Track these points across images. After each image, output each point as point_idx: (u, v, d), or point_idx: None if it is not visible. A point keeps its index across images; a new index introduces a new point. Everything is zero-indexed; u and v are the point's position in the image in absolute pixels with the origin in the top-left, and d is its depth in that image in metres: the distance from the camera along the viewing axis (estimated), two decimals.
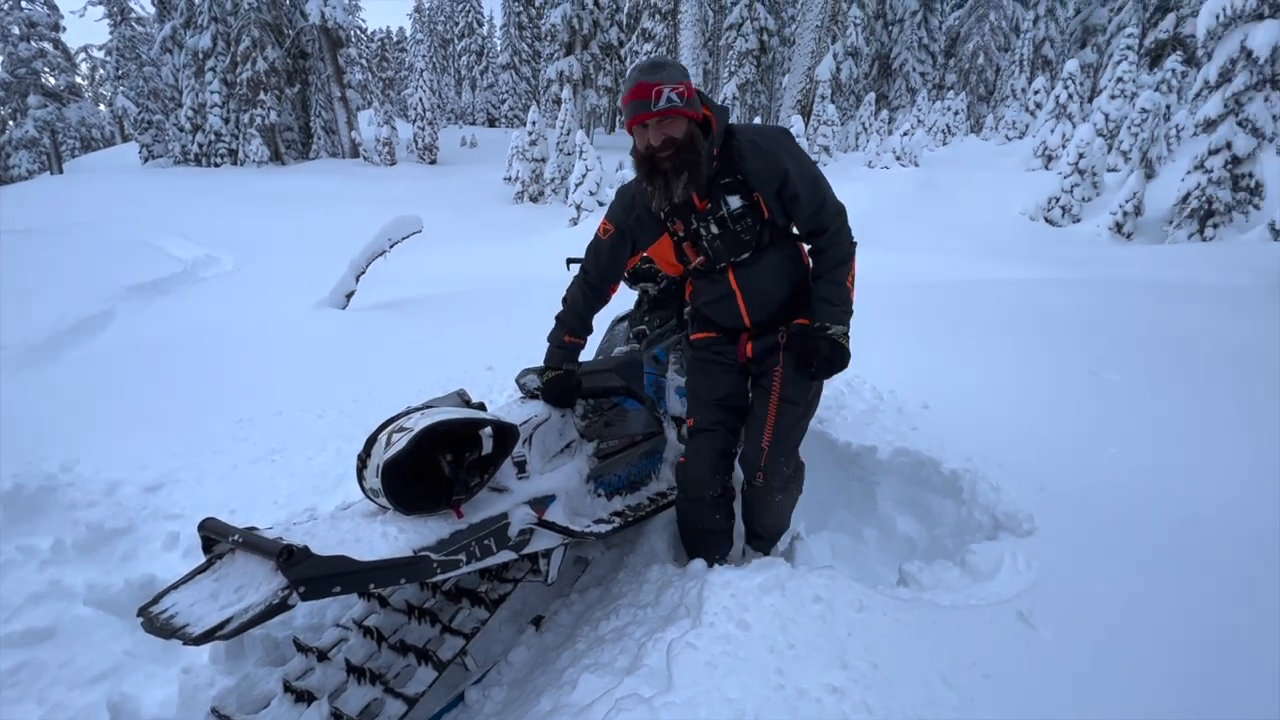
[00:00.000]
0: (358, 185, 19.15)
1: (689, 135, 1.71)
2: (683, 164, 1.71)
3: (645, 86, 1.66)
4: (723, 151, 1.79)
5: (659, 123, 1.69)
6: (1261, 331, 4.98)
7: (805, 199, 1.81)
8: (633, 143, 1.81)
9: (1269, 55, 10.40)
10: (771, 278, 1.94)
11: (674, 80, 1.67)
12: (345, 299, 6.86)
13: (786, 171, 1.76)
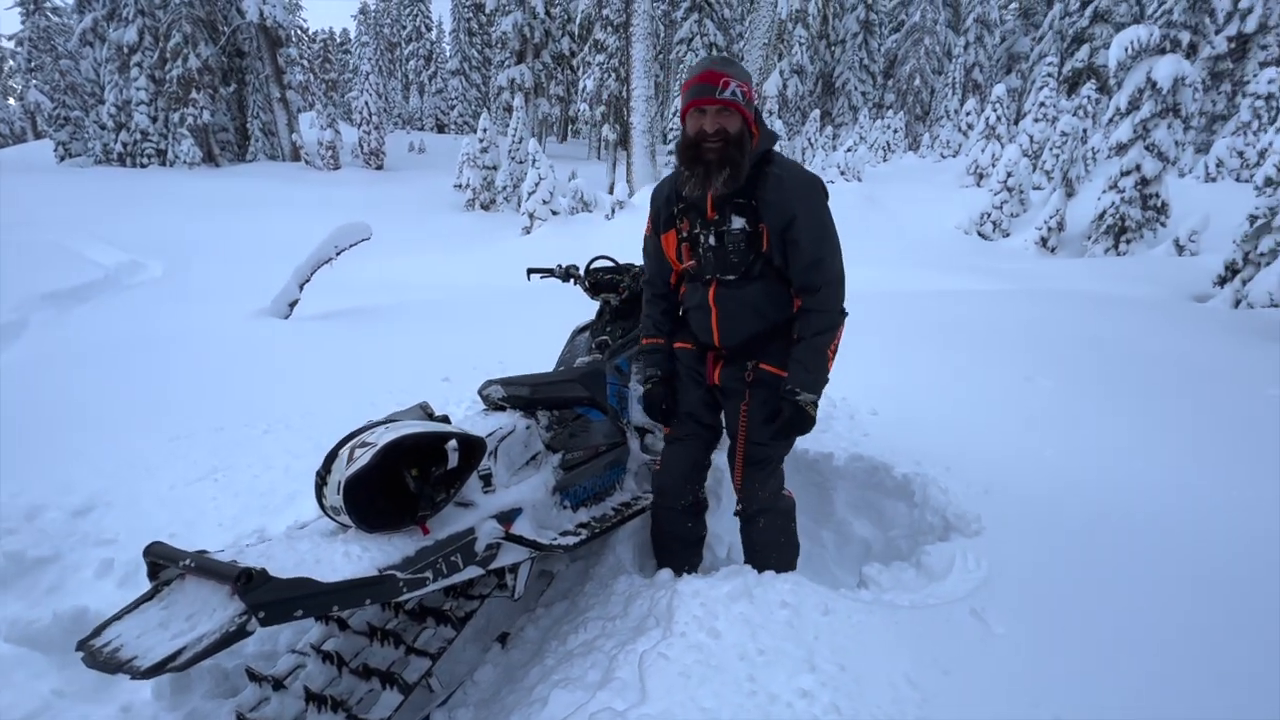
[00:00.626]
0: (299, 190, 18.43)
1: (740, 133, 1.72)
2: (728, 159, 1.72)
3: (714, 74, 1.68)
4: (752, 171, 1.78)
5: (718, 112, 1.70)
6: (1173, 339, 5.41)
7: (804, 250, 1.78)
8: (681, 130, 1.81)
9: (1171, 86, 11.35)
10: (749, 308, 1.92)
11: (742, 78, 1.71)
12: (288, 308, 6.58)
13: (795, 216, 1.76)
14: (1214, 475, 2.83)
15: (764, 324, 1.93)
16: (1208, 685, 1.55)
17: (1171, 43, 11.53)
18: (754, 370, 1.95)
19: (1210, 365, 4.65)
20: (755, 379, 1.95)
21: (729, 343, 1.99)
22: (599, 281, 2.87)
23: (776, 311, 1.92)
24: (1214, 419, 3.54)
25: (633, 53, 18.95)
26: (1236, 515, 2.47)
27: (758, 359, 1.95)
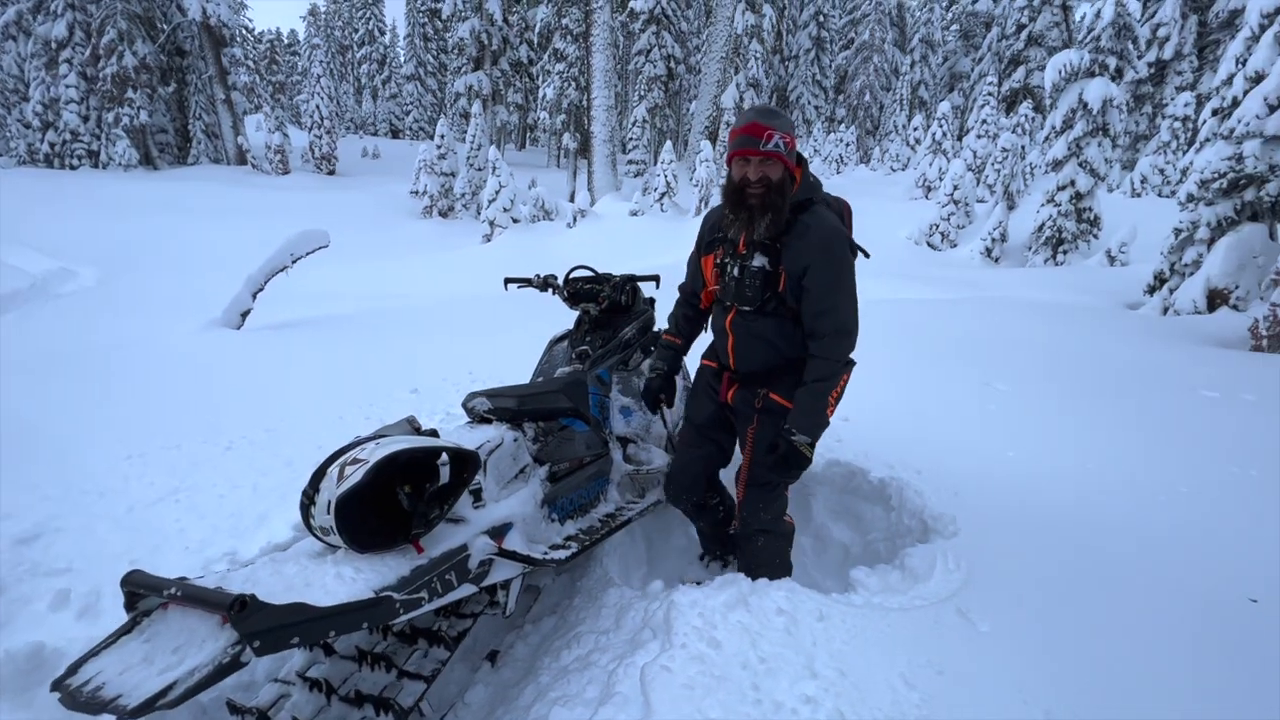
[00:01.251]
0: (247, 195, 17.71)
1: (782, 181, 1.83)
2: (769, 205, 1.83)
3: (759, 127, 1.79)
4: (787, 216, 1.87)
5: (761, 161, 1.81)
6: (1113, 345, 5.74)
7: (814, 298, 1.85)
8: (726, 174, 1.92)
9: (1100, 107, 12.10)
10: (760, 341, 2.00)
11: (785, 129, 1.81)
12: (240, 318, 6.30)
13: (809, 267, 1.83)
14: (1160, 470, 3.02)
15: (777, 356, 2.00)
16: (1181, 667, 1.65)
17: (1100, 66, 12.31)
18: (764, 399, 2.03)
19: (1148, 369, 4.96)
20: (764, 407, 2.03)
21: (742, 368, 2.09)
22: (578, 291, 2.85)
23: (790, 347, 1.98)
24: (1156, 419, 3.77)
25: (593, 63, 19.03)
26: (1184, 506, 2.64)
27: (769, 388, 2.03)
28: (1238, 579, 2.09)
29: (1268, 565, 2.19)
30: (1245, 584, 2.06)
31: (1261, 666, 1.70)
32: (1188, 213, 8.04)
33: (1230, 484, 2.91)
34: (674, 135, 29.17)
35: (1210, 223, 7.77)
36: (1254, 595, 2.00)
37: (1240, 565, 2.18)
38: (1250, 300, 7.34)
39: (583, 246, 13.74)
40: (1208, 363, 5.24)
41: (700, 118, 23.34)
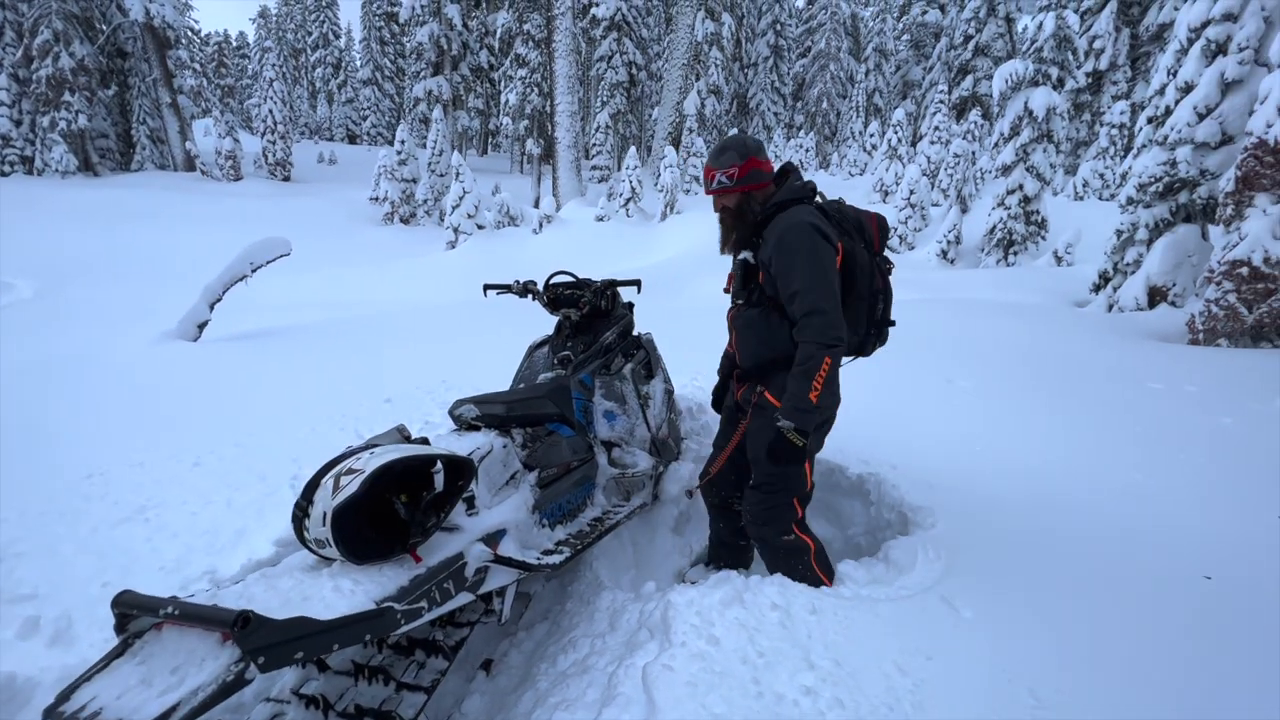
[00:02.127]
0: (197, 202, 17.06)
1: (739, 204, 2.09)
2: (733, 225, 2.12)
3: (707, 170, 2.11)
4: (768, 214, 2.05)
5: (717, 197, 2.11)
6: (1064, 341, 6.02)
7: (782, 285, 1.98)
8: None
9: (1045, 115, 12.68)
10: (750, 333, 2.13)
11: (726, 165, 2.05)
12: (197, 330, 6.08)
13: (773, 255, 1.99)
14: (1115, 459, 3.19)
15: (769, 351, 2.09)
16: (1146, 641, 1.75)
17: (1043, 76, 12.93)
18: (759, 395, 2.12)
19: (1098, 363, 5.22)
20: (757, 402, 2.12)
21: (744, 363, 2.21)
22: (558, 297, 2.85)
23: (776, 340, 2.06)
24: (1108, 410, 3.98)
25: (556, 68, 19.02)
26: (1139, 491, 2.79)
27: (764, 385, 2.12)
28: (1192, 558, 2.23)
29: (1219, 544, 2.34)
30: (1199, 563, 2.20)
31: (1218, 636, 1.81)
32: (1128, 215, 8.50)
33: (1179, 469, 3.09)
34: (637, 141, 29.33)
35: (1148, 224, 8.23)
36: (1208, 573, 2.14)
37: (1194, 545, 2.33)
38: (1186, 296, 7.80)
39: (550, 252, 13.69)
40: (1151, 356, 5.55)
41: (663, 123, 23.56)
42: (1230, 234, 6.12)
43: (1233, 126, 7.12)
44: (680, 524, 2.82)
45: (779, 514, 2.09)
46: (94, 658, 1.36)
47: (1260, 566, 2.21)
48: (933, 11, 28.78)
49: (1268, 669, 1.70)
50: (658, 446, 2.81)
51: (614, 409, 2.76)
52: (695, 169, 20.47)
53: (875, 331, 2.16)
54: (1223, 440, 3.54)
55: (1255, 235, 5.83)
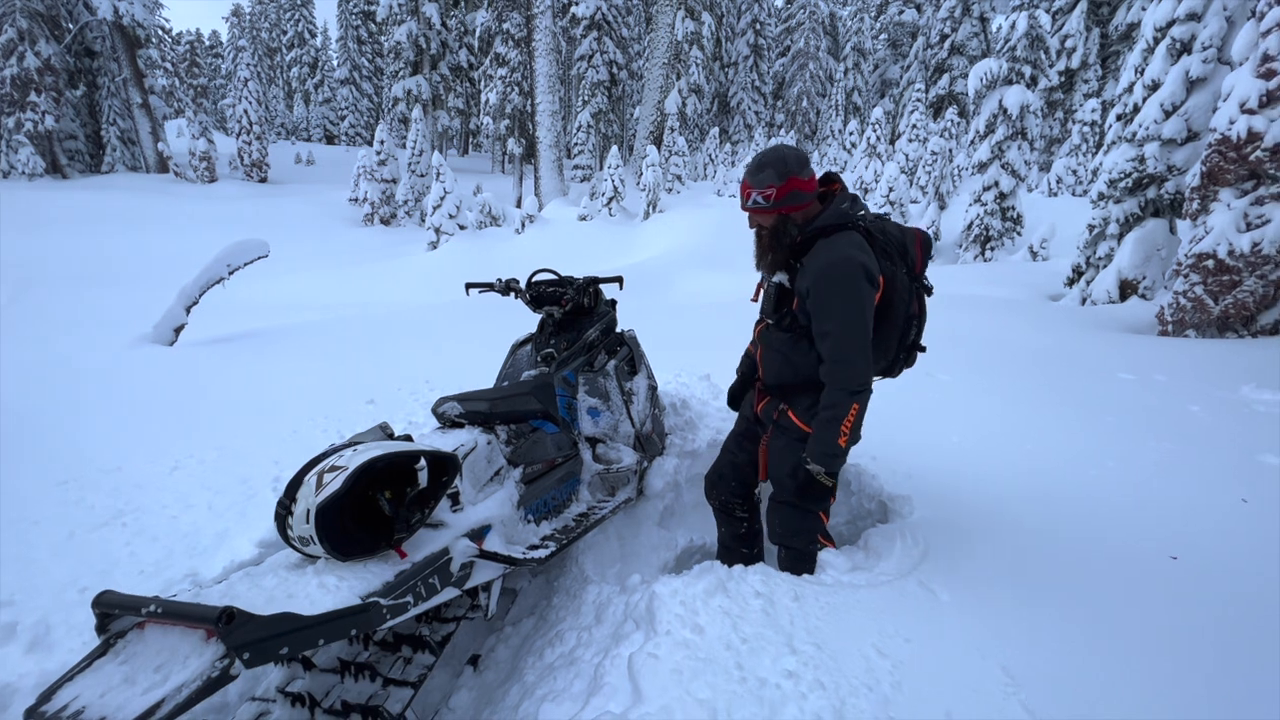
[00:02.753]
0: (171, 204, 16.74)
1: (775, 227, 1.99)
2: (769, 247, 2.03)
3: (744, 186, 1.99)
4: (810, 237, 1.95)
5: (752, 215, 2.02)
6: (1039, 334, 6.16)
7: (814, 323, 1.93)
8: None
9: (1019, 113, 12.92)
10: (777, 354, 2.10)
11: (764, 185, 1.93)
12: (174, 334, 5.98)
13: (808, 291, 1.92)
14: (1088, 447, 3.28)
15: (792, 372, 2.07)
16: (1114, 621, 1.81)
17: (1017, 75, 13.17)
18: (781, 414, 2.12)
19: (1072, 355, 5.35)
20: (779, 421, 2.12)
21: (767, 380, 2.19)
22: (541, 294, 2.86)
23: (804, 365, 2.03)
24: (1081, 400, 4.08)
25: (536, 68, 18.95)
26: (1111, 478, 2.88)
27: (787, 404, 2.11)
28: (1160, 540, 2.30)
29: (1184, 527, 2.42)
30: (1166, 544, 2.27)
31: (1183, 613, 1.88)
32: (1099, 210, 8.70)
33: (1149, 457, 3.19)
34: (619, 140, 29.33)
35: (1119, 219, 8.43)
36: (1174, 553, 2.21)
37: (1161, 528, 2.41)
38: (1156, 289, 8.01)
39: (533, 252, 13.65)
40: (1123, 348, 5.69)
41: (644, 123, 23.59)
42: (1196, 228, 6.29)
43: (1198, 123, 7.32)
44: (665, 518, 2.85)
45: (807, 526, 2.15)
46: (73, 663, 1.35)
47: (1224, 547, 2.29)
48: (909, 11, 29.17)
49: (1231, 643, 1.77)
50: (642, 442, 2.83)
51: (598, 405, 2.78)
52: (677, 168, 20.54)
53: (904, 356, 2.15)
54: (1190, 427, 3.65)
55: (1220, 229, 6.00)
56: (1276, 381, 4.45)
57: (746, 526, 2.44)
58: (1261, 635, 1.80)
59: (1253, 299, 5.92)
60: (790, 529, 2.15)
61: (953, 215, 15.23)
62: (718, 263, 11.92)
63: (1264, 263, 5.80)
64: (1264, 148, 5.66)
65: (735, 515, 2.42)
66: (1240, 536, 2.38)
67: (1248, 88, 5.74)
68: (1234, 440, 3.43)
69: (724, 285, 9.81)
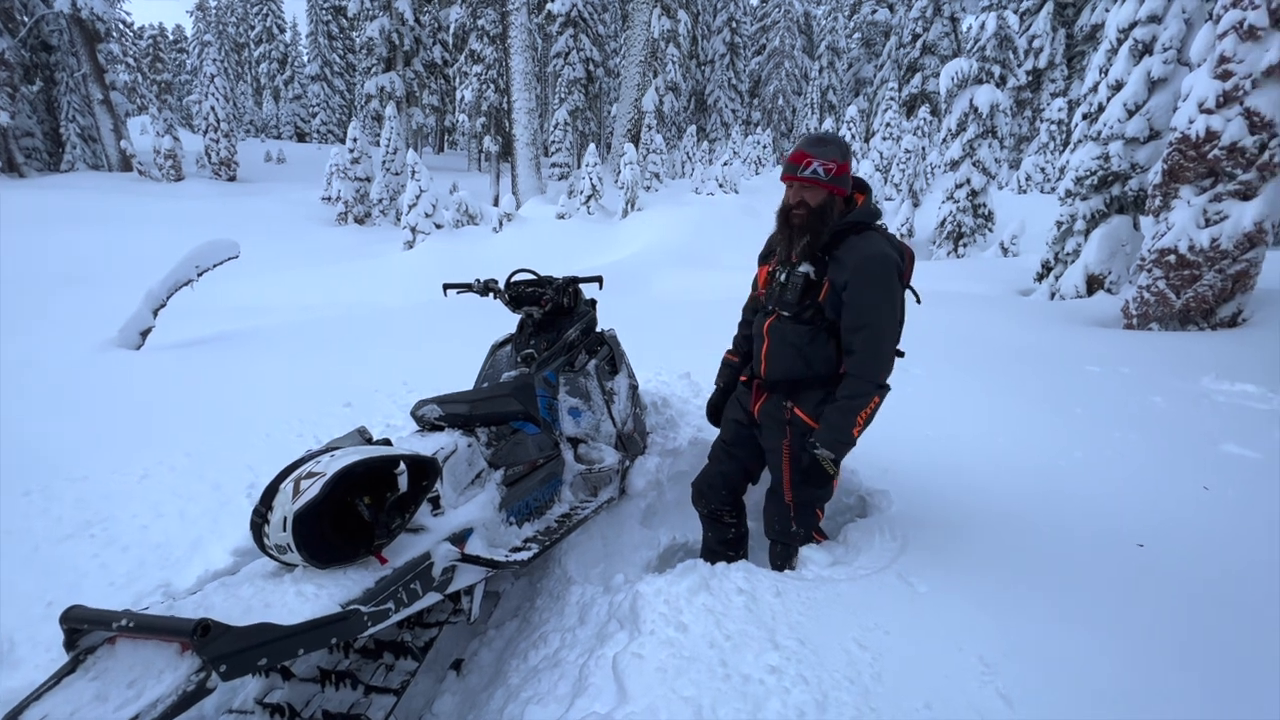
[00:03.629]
0: (135, 203, 16.26)
1: (823, 205, 1.93)
2: (808, 227, 1.94)
3: (801, 154, 1.91)
4: (840, 231, 1.94)
5: (801, 186, 1.93)
6: (1011, 328, 6.30)
7: (852, 314, 1.90)
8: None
9: (989, 111, 13.17)
10: (792, 346, 2.03)
11: (827, 157, 1.89)
12: (140, 337, 5.81)
13: (847, 283, 1.89)
14: (1058, 439, 3.37)
15: (805, 368, 2.03)
16: (1085, 607, 1.86)
17: (987, 74, 13.42)
18: (790, 411, 2.07)
19: (1041, 349, 5.48)
20: (791, 419, 2.08)
21: (771, 376, 2.12)
22: (520, 295, 2.84)
23: (819, 360, 2.01)
24: (1051, 393, 4.19)
25: (512, 64, 18.79)
26: (1079, 468, 2.96)
27: (794, 401, 2.07)
28: (1126, 528, 2.38)
29: (1149, 515, 2.50)
30: (1132, 532, 2.35)
31: (1151, 599, 1.95)
32: (1066, 207, 8.91)
33: (1115, 447, 3.28)
34: (597, 138, 29.26)
35: (1085, 216, 8.65)
36: (1140, 541, 2.29)
37: (1127, 517, 2.48)
38: (1121, 284, 8.24)
39: (511, 251, 13.55)
40: (1090, 341, 5.85)
41: (622, 120, 23.54)
42: (1159, 224, 6.48)
43: (1159, 122, 7.55)
44: (648, 517, 2.86)
45: (806, 522, 2.19)
46: (40, 681, 1.31)
47: (1188, 534, 2.38)
48: (882, 10, 29.53)
49: (1197, 626, 1.83)
50: (623, 441, 2.83)
51: (579, 405, 2.78)
52: (655, 166, 20.55)
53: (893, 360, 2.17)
54: (1154, 418, 3.77)
55: (1181, 225, 6.19)
56: (1235, 372, 4.62)
57: (734, 532, 2.45)
58: (1225, 618, 1.87)
59: (1212, 293, 6.13)
60: (791, 525, 2.19)
61: (926, 212, 15.48)
62: (697, 260, 11.96)
63: (1222, 257, 6.00)
64: (1221, 146, 5.86)
65: (724, 521, 2.43)
66: (1203, 523, 2.47)
67: (1205, 88, 5.93)
68: (1195, 430, 3.56)
69: (703, 283, 9.84)
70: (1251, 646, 1.75)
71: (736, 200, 16.78)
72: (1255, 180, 5.83)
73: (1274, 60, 5.56)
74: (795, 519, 2.19)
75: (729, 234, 13.71)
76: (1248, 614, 1.89)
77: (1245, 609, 1.92)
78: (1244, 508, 2.61)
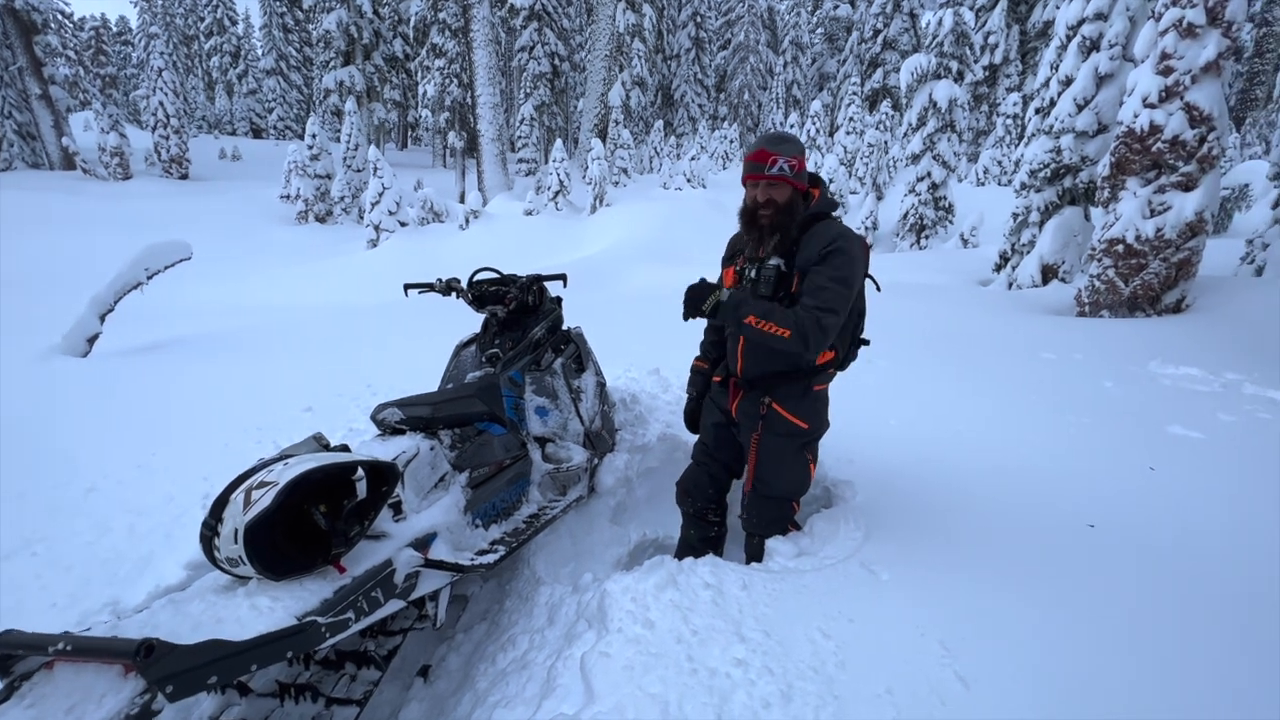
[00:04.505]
0: (81, 204, 15.55)
1: (790, 201, 1.96)
2: (777, 225, 1.96)
3: (765, 153, 1.92)
4: (805, 223, 1.98)
5: (768, 185, 1.94)
6: (970, 318, 6.47)
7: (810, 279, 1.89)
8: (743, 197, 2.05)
9: (947, 106, 13.46)
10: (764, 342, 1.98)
11: (790, 154, 1.92)
12: (86, 344, 5.57)
13: (819, 256, 1.90)
14: (1014, 424, 3.47)
15: (782, 362, 2.05)
16: (1039, 587, 1.93)
17: (945, 69, 13.71)
18: (767, 406, 2.09)
19: (998, 337, 5.64)
20: (767, 414, 2.09)
21: (748, 374, 2.15)
22: (483, 294, 2.81)
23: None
24: (1007, 380, 4.31)
25: (475, 59, 18.49)
26: (1034, 453, 3.06)
27: (771, 396, 2.09)
28: (1077, 509, 2.46)
29: (1100, 496, 2.60)
30: (1084, 513, 2.44)
31: (1102, 578, 2.02)
32: (1022, 199, 9.18)
33: (1069, 431, 3.40)
34: (564, 133, 29.02)
35: (1039, 207, 8.92)
36: (1091, 522, 2.37)
37: (1080, 498, 2.57)
38: (1074, 273, 8.53)
39: (479, 248, 13.37)
40: (1046, 329, 6.05)
41: (589, 115, 23.40)
42: (1108, 215, 6.73)
43: (1107, 116, 7.82)
44: (618, 514, 2.86)
45: (783, 517, 2.24)
46: None
47: (1136, 513, 2.48)
48: (844, 6, 29.92)
49: (1144, 603, 1.91)
50: (592, 439, 2.82)
51: (545, 404, 2.76)
52: (623, 161, 20.49)
53: (854, 350, 2.21)
54: (1105, 402, 3.92)
55: (1128, 216, 6.43)
56: (1180, 356, 4.83)
57: (716, 530, 2.49)
58: (1171, 594, 1.96)
59: (1158, 280, 6.38)
60: (769, 519, 2.23)
61: (890, 205, 15.79)
62: (666, 256, 11.98)
63: (1166, 246, 6.26)
64: (1164, 139, 6.10)
65: (708, 520, 2.46)
66: (1149, 502, 2.58)
67: (1149, 84, 6.16)
68: (1143, 412, 3.71)
69: (672, 278, 9.86)
70: (1198, 620, 1.83)
71: (704, 195, 16.84)
72: (1195, 172, 6.08)
73: (1211, 57, 5.81)
74: (757, 511, 2.23)
75: (697, 229, 13.74)
76: (1193, 589, 1.98)
77: (1190, 584, 2.01)
78: (1188, 486, 2.74)
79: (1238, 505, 2.57)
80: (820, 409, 2.19)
